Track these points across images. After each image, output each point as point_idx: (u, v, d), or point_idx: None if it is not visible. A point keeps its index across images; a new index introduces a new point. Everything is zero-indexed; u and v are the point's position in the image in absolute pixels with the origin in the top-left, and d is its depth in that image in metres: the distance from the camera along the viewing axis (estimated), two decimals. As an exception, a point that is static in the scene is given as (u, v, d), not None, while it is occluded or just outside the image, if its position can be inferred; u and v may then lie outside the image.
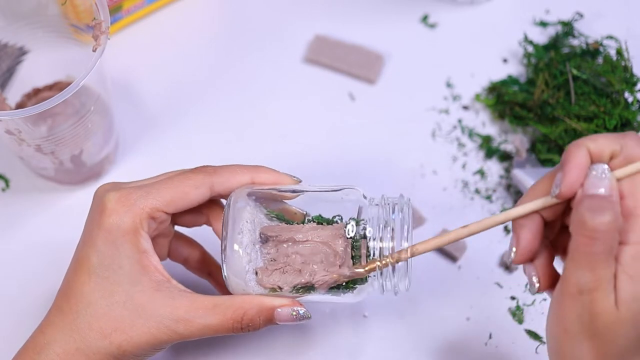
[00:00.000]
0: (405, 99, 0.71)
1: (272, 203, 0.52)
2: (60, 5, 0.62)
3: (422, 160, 0.69)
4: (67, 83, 0.66)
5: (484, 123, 0.71)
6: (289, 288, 0.50)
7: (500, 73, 0.72)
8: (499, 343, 0.61)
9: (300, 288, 0.50)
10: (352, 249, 0.50)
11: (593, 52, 0.71)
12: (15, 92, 0.66)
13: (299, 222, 0.51)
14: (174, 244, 0.57)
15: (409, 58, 0.73)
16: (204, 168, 0.52)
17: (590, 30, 0.73)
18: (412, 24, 0.75)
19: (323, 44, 0.73)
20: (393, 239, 0.49)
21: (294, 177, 0.53)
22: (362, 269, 0.49)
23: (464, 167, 0.69)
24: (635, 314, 0.42)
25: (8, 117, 0.54)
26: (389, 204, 0.51)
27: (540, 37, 0.74)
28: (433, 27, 0.75)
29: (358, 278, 0.50)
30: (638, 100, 0.69)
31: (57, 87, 0.66)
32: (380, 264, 0.49)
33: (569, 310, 0.43)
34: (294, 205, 0.52)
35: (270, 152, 0.68)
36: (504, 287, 0.63)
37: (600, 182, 0.43)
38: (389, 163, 0.69)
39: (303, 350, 0.61)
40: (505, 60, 0.74)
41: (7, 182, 0.67)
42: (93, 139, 0.62)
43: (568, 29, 0.73)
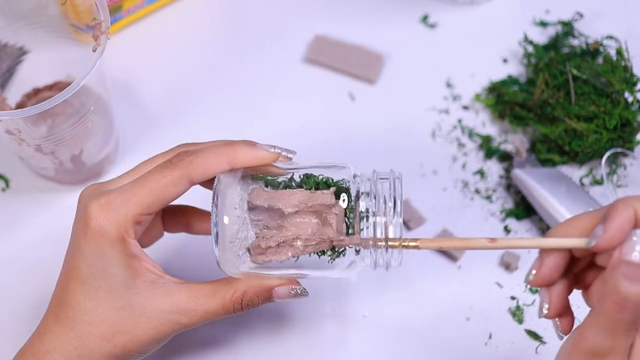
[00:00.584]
0: (405, 99, 0.71)
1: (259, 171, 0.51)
2: (60, 5, 0.62)
3: (422, 160, 0.69)
4: (67, 83, 0.66)
5: (484, 123, 0.71)
6: (279, 262, 0.50)
7: (500, 73, 0.72)
8: (499, 343, 0.61)
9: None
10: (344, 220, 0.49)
11: (593, 52, 0.71)
12: (15, 92, 0.66)
13: (288, 184, 0.50)
14: (166, 217, 0.57)
15: (409, 58, 0.73)
16: (179, 160, 0.50)
17: (590, 30, 0.73)
18: (412, 24, 0.75)
19: (323, 44, 0.73)
20: (385, 214, 0.49)
21: (274, 150, 0.51)
22: (357, 240, 0.49)
23: (464, 167, 0.69)
24: None
25: (8, 117, 0.54)
26: (381, 179, 0.50)
27: (540, 37, 0.74)
28: (433, 27, 0.75)
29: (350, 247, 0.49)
30: (638, 100, 0.69)
31: (57, 87, 0.66)
32: (378, 243, 0.49)
33: None
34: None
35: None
36: (504, 287, 0.63)
37: None
38: (389, 163, 0.69)
39: (303, 351, 0.61)
40: (505, 60, 0.74)
41: (7, 182, 0.67)
42: (93, 139, 0.62)
43: (568, 29, 0.73)
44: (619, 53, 0.70)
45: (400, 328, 0.61)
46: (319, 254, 0.50)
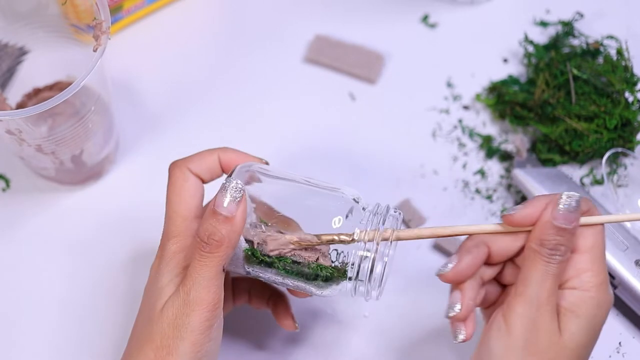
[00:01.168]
0: (406, 99, 0.71)
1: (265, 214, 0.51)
2: (61, 5, 0.62)
3: (422, 160, 0.69)
4: (67, 83, 0.66)
5: (485, 123, 0.71)
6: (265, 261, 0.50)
7: (501, 73, 0.72)
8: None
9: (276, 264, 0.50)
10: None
11: (593, 51, 0.71)
12: (16, 92, 0.66)
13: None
14: (236, 288, 0.57)
15: (410, 58, 0.73)
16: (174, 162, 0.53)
17: (591, 30, 0.73)
18: (412, 24, 0.75)
19: (323, 44, 0.73)
20: (377, 247, 0.49)
21: (262, 159, 0.54)
22: (330, 237, 0.49)
23: (465, 167, 0.69)
24: (579, 346, 0.47)
25: (8, 117, 0.54)
26: (381, 214, 0.50)
27: (541, 37, 0.74)
28: (433, 27, 0.75)
29: (333, 272, 0.49)
30: (638, 100, 0.69)
31: (57, 87, 0.66)
32: (349, 239, 0.49)
33: (516, 324, 0.47)
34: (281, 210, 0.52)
35: (271, 151, 0.68)
36: (505, 287, 0.63)
37: (568, 215, 0.47)
38: (390, 163, 0.69)
39: (303, 350, 0.61)
40: (506, 60, 0.74)
41: (7, 182, 0.67)
42: (93, 139, 0.62)
43: (568, 29, 0.73)
44: (620, 53, 0.70)
45: (401, 328, 0.61)
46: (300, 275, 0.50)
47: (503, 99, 0.70)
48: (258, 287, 0.57)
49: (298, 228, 0.50)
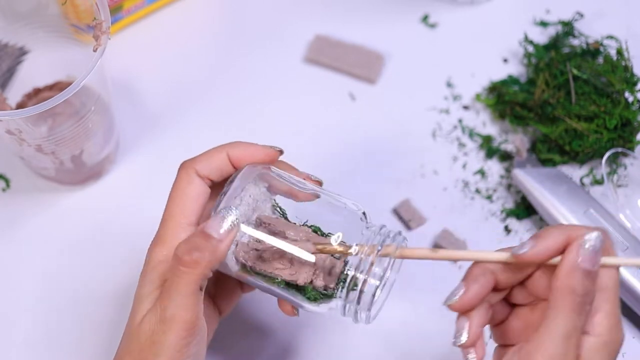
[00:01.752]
0: (406, 99, 0.71)
1: (282, 187, 0.51)
2: (61, 5, 0.62)
3: (422, 160, 0.69)
4: (67, 83, 0.66)
5: (485, 123, 0.71)
6: (256, 273, 0.49)
7: (501, 73, 0.72)
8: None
9: (266, 277, 0.49)
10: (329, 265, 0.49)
11: (593, 51, 0.71)
12: (16, 92, 0.66)
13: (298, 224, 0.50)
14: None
15: (410, 58, 0.73)
16: (183, 162, 0.52)
17: (591, 30, 0.73)
18: (412, 24, 0.75)
19: (323, 44, 0.73)
20: (369, 271, 0.48)
21: (274, 147, 0.53)
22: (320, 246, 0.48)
23: (465, 167, 0.69)
24: None
25: (8, 117, 0.54)
26: (384, 235, 0.49)
27: (541, 37, 0.74)
28: (433, 27, 0.75)
29: (323, 291, 0.49)
30: (638, 100, 0.69)
31: (57, 87, 0.66)
32: (343, 250, 0.48)
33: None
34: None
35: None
36: (505, 287, 0.63)
37: (595, 257, 0.45)
38: (390, 163, 0.69)
39: (303, 350, 0.61)
40: (506, 60, 0.74)
41: (7, 182, 0.67)
42: (93, 139, 0.62)
43: (568, 29, 0.73)
44: (620, 53, 0.70)
45: (401, 328, 0.61)
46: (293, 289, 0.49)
47: (503, 99, 0.70)
48: None
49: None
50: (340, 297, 0.48)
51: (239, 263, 0.49)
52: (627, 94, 0.68)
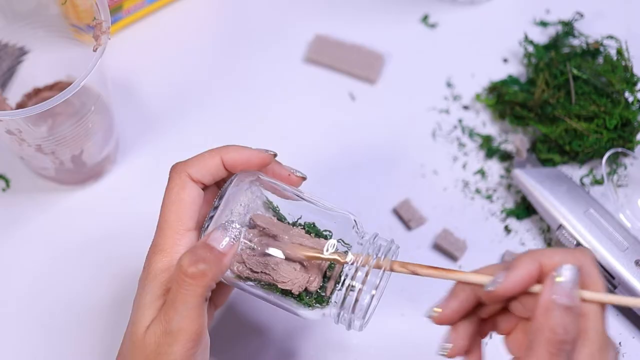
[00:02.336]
0: (406, 99, 0.71)
1: (274, 193, 0.51)
2: (61, 5, 0.62)
3: (422, 160, 0.69)
4: (67, 83, 0.66)
5: (485, 123, 0.71)
6: (253, 283, 0.50)
7: (501, 73, 0.72)
8: (500, 343, 0.61)
9: (265, 285, 0.49)
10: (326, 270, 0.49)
11: (593, 51, 0.71)
12: (16, 92, 0.66)
13: (290, 223, 0.50)
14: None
15: (410, 58, 0.73)
16: (174, 166, 0.51)
17: (591, 30, 0.73)
18: (412, 24, 0.75)
19: (323, 44, 0.73)
20: (365, 281, 0.48)
21: (268, 151, 0.52)
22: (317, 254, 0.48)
23: (465, 167, 0.69)
24: None
25: (9, 117, 0.54)
26: (378, 245, 0.49)
27: (541, 36, 0.74)
28: (433, 27, 0.75)
29: (317, 297, 0.49)
30: (638, 100, 0.69)
31: (57, 87, 0.66)
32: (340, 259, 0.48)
33: None
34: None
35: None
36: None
37: (571, 291, 0.43)
38: (390, 163, 0.69)
39: (303, 350, 0.61)
40: (506, 60, 0.74)
41: (7, 182, 0.67)
42: (93, 139, 0.62)
43: (568, 29, 0.73)
44: (619, 53, 0.70)
45: (401, 327, 0.61)
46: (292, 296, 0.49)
47: (503, 99, 0.70)
48: None
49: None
50: (336, 303, 0.49)
51: (234, 272, 0.49)
52: (627, 94, 0.68)
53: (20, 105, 0.66)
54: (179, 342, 0.45)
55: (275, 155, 0.53)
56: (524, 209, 0.67)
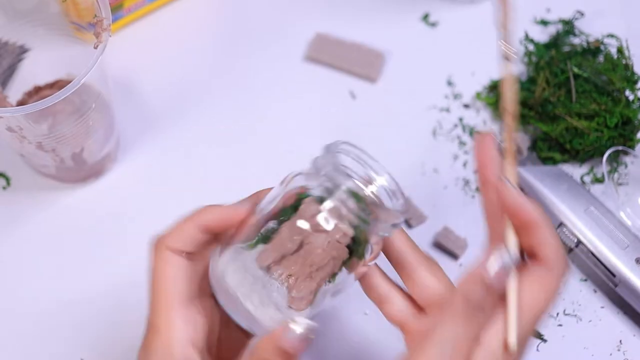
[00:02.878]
0: (406, 98, 0.72)
1: (248, 234, 0.48)
2: (61, 3, 0.62)
3: (423, 159, 0.69)
4: (68, 81, 0.66)
5: (485, 121, 0.71)
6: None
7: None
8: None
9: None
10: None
11: (594, 50, 0.71)
12: (17, 90, 0.66)
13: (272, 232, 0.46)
14: None
15: (410, 56, 0.74)
16: (155, 241, 0.49)
17: (591, 29, 0.74)
18: (412, 23, 0.75)
19: (324, 43, 0.73)
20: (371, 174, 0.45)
21: (243, 204, 0.49)
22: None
23: (465, 165, 0.69)
24: None
25: (9, 114, 0.54)
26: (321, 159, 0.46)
27: (541, 35, 0.74)
28: (434, 25, 0.75)
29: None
30: (639, 99, 0.69)
31: (58, 85, 0.66)
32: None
33: None
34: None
35: (271, 150, 0.68)
36: (505, 285, 0.63)
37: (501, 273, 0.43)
38: (390, 161, 0.68)
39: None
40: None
41: (8, 180, 0.67)
42: (94, 137, 0.62)
43: (569, 28, 0.73)
44: (620, 51, 0.70)
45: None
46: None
47: (503, 98, 0.70)
48: None
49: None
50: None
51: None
52: (627, 93, 0.68)
53: (21, 103, 0.66)
54: None
55: (257, 201, 0.49)
56: (525, 208, 0.66)
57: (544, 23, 0.75)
